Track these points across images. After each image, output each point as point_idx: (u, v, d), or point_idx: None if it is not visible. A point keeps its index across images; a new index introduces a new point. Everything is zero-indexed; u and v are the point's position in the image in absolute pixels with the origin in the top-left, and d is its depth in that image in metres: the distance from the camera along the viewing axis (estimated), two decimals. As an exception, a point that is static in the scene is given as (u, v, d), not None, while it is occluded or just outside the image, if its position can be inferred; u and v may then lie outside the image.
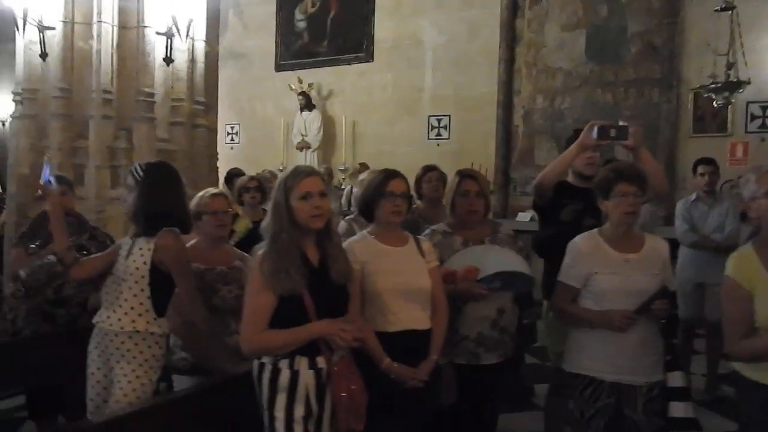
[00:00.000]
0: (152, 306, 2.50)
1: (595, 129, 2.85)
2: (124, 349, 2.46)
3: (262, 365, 2.14)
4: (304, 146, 9.61)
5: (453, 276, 2.64)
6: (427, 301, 2.46)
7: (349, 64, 9.82)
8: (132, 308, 2.47)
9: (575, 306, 2.58)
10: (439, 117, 9.18)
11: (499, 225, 2.97)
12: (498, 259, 2.68)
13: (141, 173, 2.52)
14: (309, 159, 9.52)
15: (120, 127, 5.31)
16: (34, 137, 5.41)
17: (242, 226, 4.15)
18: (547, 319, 3.22)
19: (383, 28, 9.57)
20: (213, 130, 6.15)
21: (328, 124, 9.84)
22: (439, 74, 9.18)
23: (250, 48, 10.54)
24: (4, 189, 7.87)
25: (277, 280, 2.05)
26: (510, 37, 8.49)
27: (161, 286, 2.53)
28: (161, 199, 2.53)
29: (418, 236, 2.66)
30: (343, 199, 7.24)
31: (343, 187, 8.81)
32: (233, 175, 5.84)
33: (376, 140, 9.51)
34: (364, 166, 7.48)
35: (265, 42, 10.54)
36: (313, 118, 9.64)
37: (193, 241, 2.90)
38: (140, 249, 2.49)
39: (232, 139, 10.89)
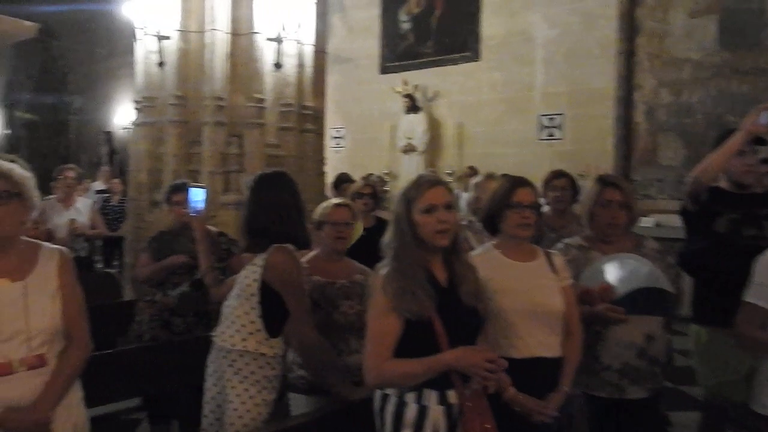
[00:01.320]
0: (264, 326, 2.37)
1: (765, 114, 2.43)
2: (236, 368, 2.35)
3: (385, 397, 1.94)
4: (409, 149, 9.45)
5: (589, 295, 2.33)
6: (559, 324, 2.19)
7: (455, 64, 9.57)
8: (243, 326, 2.36)
9: None
10: (551, 116, 8.73)
11: (643, 238, 2.60)
12: (637, 271, 2.33)
13: (252, 185, 2.40)
14: (415, 162, 9.35)
15: (232, 133, 5.36)
16: (153, 144, 5.58)
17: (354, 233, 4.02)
18: (699, 344, 2.80)
19: (490, 24, 9.24)
20: (321, 135, 6.11)
21: (434, 127, 9.62)
22: (551, 70, 8.73)
23: (355, 51, 10.53)
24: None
25: (402, 303, 1.84)
26: (629, 28, 7.90)
27: (275, 305, 2.39)
28: (269, 214, 2.39)
29: (550, 251, 2.37)
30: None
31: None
32: (342, 180, 5.75)
33: (484, 142, 9.20)
34: (472, 170, 7.19)
35: (369, 45, 10.50)
36: (418, 121, 9.46)
37: (313, 253, 2.77)
38: (252, 265, 2.37)
39: (338, 144, 10.93)
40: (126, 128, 13.08)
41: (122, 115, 13.22)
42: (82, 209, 5.83)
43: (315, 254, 2.80)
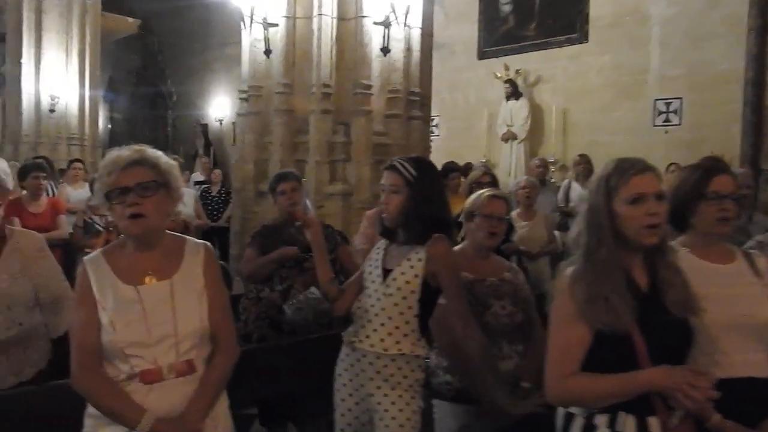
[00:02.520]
0: (418, 325, 2.14)
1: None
2: (387, 374, 2.12)
3: (570, 416, 1.66)
4: (510, 137, 9.04)
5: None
6: None
7: (560, 47, 9.05)
8: (397, 328, 2.12)
9: None
10: (668, 100, 8.09)
11: None
12: None
13: (413, 171, 2.14)
14: (515, 151, 8.94)
15: (338, 121, 5.20)
16: (258, 133, 5.50)
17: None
18: None
19: (599, 4, 8.66)
20: (427, 122, 5.87)
21: (536, 113, 9.15)
22: (668, 52, 8.07)
23: (450, 37, 10.16)
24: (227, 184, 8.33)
25: (594, 311, 1.55)
26: (763, 1, 7.15)
27: (428, 301, 2.17)
28: (436, 201, 2.16)
29: (749, 251, 2.01)
30: (560, 195, 6.55)
31: (553, 181, 8.10)
32: (450, 169, 5.48)
33: (590, 129, 8.65)
34: (583, 158, 6.71)
35: (466, 30, 10.12)
36: (519, 107, 9.03)
37: (458, 247, 2.52)
38: (408, 260, 2.13)
39: (432, 132, 10.62)
40: (221, 120, 13.33)
41: (217, 108, 13.45)
42: (187, 200, 5.83)
43: (461, 248, 2.55)
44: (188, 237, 1.88)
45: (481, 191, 2.72)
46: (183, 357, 1.71)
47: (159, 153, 1.79)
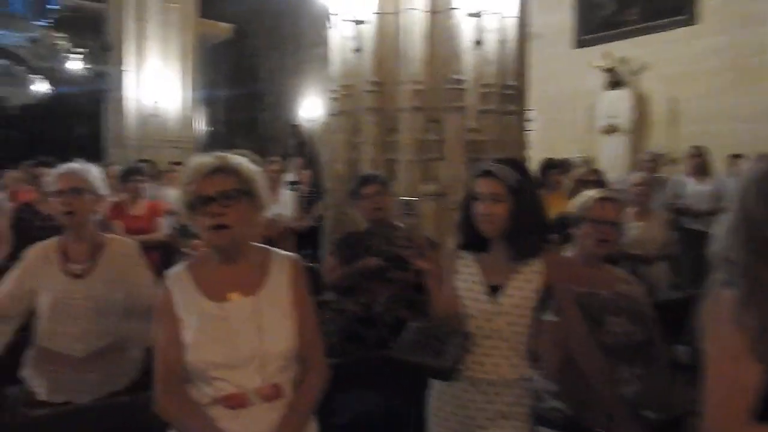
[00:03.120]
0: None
1: None
2: (502, 403, 1.91)
3: None
4: (611, 130, 8.53)
5: None
6: None
7: (666, 31, 8.42)
8: (513, 350, 1.92)
9: None
10: (799, 82, 7.31)
11: None
12: None
13: (516, 177, 1.92)
14: (618, 144, 8.41)
15: (430, 118, 5.01)
16: (349, 133, 5.41)
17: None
18: None
19: (711, -18, 7.99)
20: (522, 117, 5.57)
21: (641, 103, 8.58)
22: (791, 28, 7.30)
23: (544, 26, 9.68)
24: (318, 184, 8.34)
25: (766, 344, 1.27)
26: None
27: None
28: (540, 207, 1.95)
29: None
30: (669, 191, 6.04)
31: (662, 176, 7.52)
32: (550, 166, 5.16)
33: (702, 118, 7.98)
34: (698, 150, 6.16)
35: (560, 18, 9.65)
36: (622, 97, 8.49)
37: (565, 254, 2.29)
38: (520, 273, 1.92)
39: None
40: (311, 120, 13.49)
41: (308, 108, 13.61)
42: (288, 202, 5.80)
43: (567, 257, 2.30)
44: (274, 249, 1.76)
45: (589, 192, 2.45)
46: (270, 380, 1.59)
47: (242, 159, 1.67)
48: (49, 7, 12.97)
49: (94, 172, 2.31)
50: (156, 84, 10.00)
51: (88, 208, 2.23)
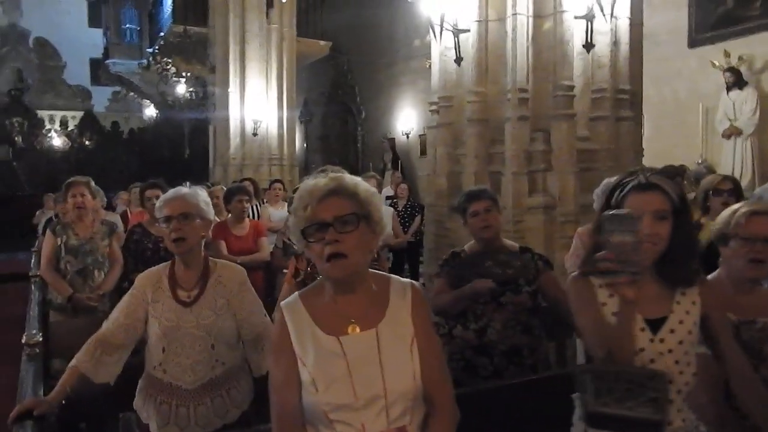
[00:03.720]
0: None
1: None
2: None
3: None
4: (733, 133, 7.82)
5: None
6: None
7: (792, 25, 7.66)
8: (678, 392, 1.62)
9: None
10: None
11: None
12: None
13: (677, 191, 1.65)
14: (740, 148, 7.72)
15: (536, 128, 4.75)
16: (451, 146, 5.25)
17: (704, 237, 3.07)
18: None
19: None
20: (638, 123, 5.19)
21: (765, 104, 7.83)
22: None
23: (656, 26, 9.10)
24: (414, 199, 8.22)
25: None
26: None
27: None
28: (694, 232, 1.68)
29: None
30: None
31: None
32: (671, 173, 4.73)
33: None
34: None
35: (673, 17, 9.01)
36: (744, 98, 7.77)
37: (711, 276, 1.99)
38: (678, 304, 1.65)
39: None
40: (407, 134, 13.42)
41: (404, 121, 13.56)
42: (386, 218, 5.71)
43: (714, 280, 2.00)
44: (393, 276, 1.60)
45: (737, 207, 2.13)
46: (395, 423, 1.43)
47: (357, 180, 1.53)
48: (160, 35, 13.73)
49: (202, 195, 2.24)
50: (257, 103, 10.27)
51: (197, 233, 2.17)
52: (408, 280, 1.59)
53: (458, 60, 5.03)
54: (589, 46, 4.70)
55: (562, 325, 2.87)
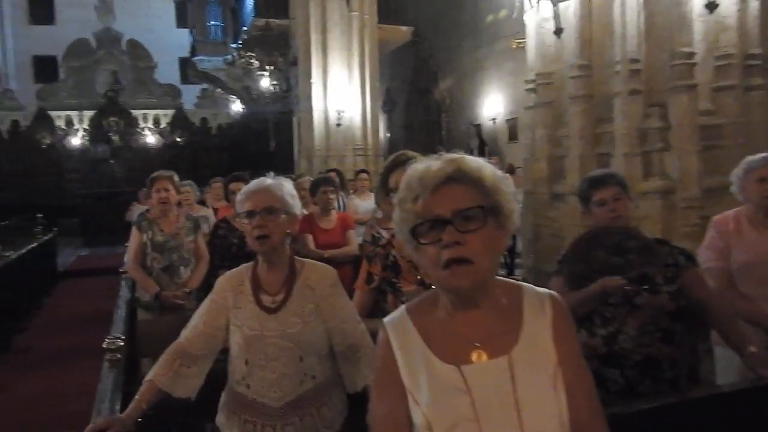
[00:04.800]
0: None
1: None
2: None
3: None
4: None
5: None
6: None
7: None
8: None
9: None
10: None
11: None
12: None
13: None
14: None
15: (651, 102, 4.23)
16: (551, 127, 4.80)
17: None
18: None
19: None
20: (772, 92, 4.54)
21: None
22: None
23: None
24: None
25: None
26: None
27: None
28: None
29: None
30: None
31: None
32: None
33: None
34: None
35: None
36: None
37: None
38: None
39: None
40: (493, 119, 12.88)
41: (489, 106, 13.03)
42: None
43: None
44: (525, 284, 1.24)
45: None
46: None
47: (481, 162, 1.18)
48: (243, 29, 13.83)
49: (287, 187, 1.94)
50: (340, 93, 10.08)
51: (282, 229, 1.88)
52: (546, 290, 1.22)
53: (558, 31, 4.57)
54: (711, 5, 4.12)
55: (700, 330, 2.47)
